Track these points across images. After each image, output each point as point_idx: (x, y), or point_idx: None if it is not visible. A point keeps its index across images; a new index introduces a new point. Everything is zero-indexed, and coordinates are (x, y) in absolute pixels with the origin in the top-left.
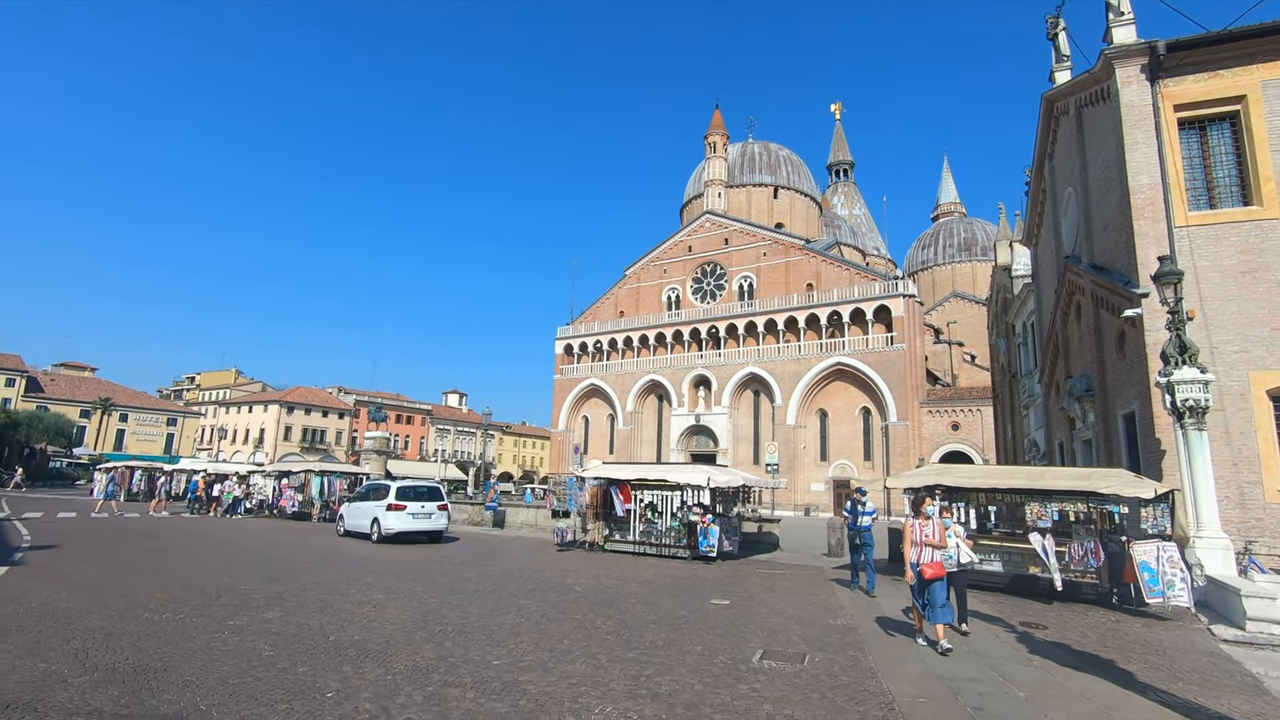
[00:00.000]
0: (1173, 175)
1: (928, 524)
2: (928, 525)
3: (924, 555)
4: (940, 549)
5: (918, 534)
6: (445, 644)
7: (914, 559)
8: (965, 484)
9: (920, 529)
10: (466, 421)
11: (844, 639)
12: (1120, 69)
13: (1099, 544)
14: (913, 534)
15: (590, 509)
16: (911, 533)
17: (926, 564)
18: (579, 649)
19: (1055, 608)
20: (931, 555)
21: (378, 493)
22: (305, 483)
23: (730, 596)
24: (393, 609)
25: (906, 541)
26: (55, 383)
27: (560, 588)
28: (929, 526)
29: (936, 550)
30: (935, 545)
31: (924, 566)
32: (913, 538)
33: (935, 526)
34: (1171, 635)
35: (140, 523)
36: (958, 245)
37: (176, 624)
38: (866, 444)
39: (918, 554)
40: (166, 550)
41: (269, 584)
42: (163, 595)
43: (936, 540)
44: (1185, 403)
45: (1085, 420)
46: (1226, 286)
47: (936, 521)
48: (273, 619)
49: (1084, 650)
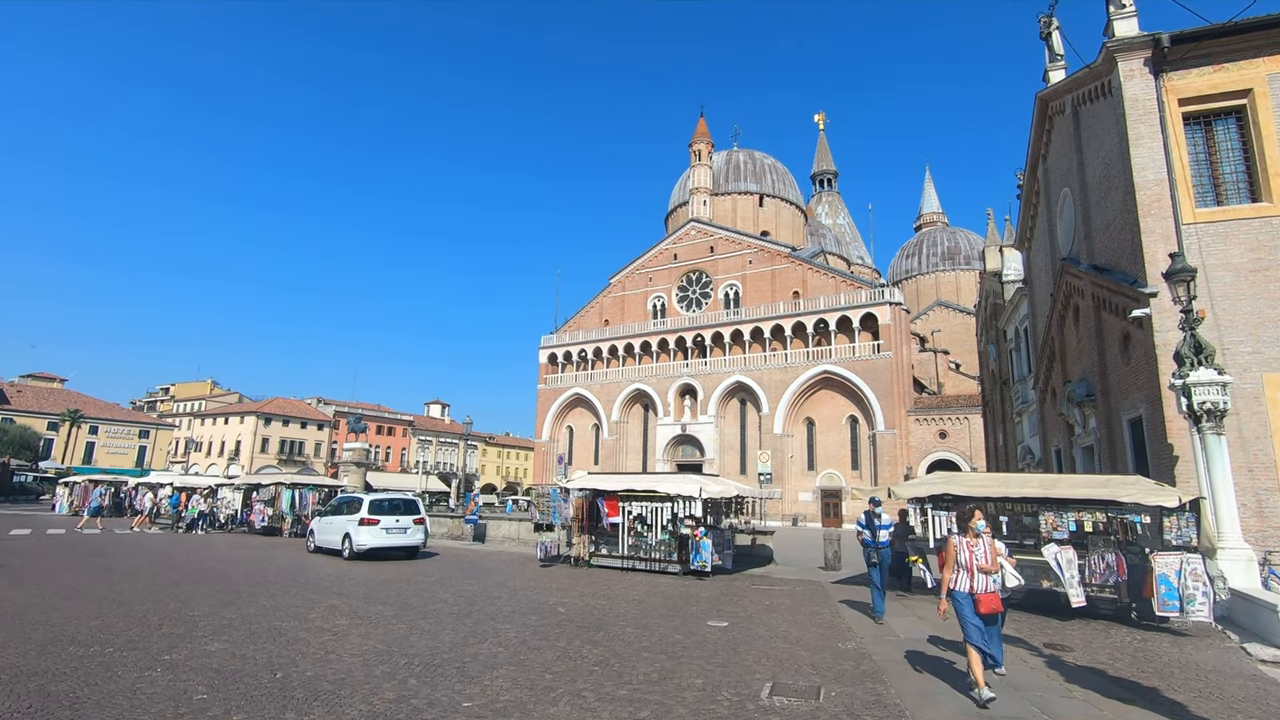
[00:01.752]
0: (1179, 171)
1: (978, 543)
2: (978, 545)
3: (979, 582)
4: (993, 574)
5: (966, 556)
6: (410, 681)
7: (962, 587)
8: (974, 492)
9: (970, 550)
10: (449, 432)
11: (859, 667)
12: (1123, 62)
13: (1119, 556)
14: (959, 555)
15: (575, 522)
16: (958, 553)
17: (983, 594)
18: (563, 684)
19: (1075, 625)
20: (985, 583)
21: (350, 506)
22: (275, 496)
23: (728, 617)
24: (355, 637)
25: (948, 565)
26: (22, 394)
27: (543, 609)
28: (980, 546)
29: (988, 577)
30: (988, 570)
31: (980, 597)
32: (959, 559)
33: (987, 547)
34: (1205, 656)
35: (95, 540)
36: (941, 254)
37: (103, 660)
38: (854, 453)
39: (969, 581)
40: (115, 571)
41: (220, 609)
42: (97, 624)
43: (989, 564)
44: (1202, 405)
45: (1085, 426)
46: (1237, 286)
47: (989, 540)
48: (216, 651)
49: (1121, 676)
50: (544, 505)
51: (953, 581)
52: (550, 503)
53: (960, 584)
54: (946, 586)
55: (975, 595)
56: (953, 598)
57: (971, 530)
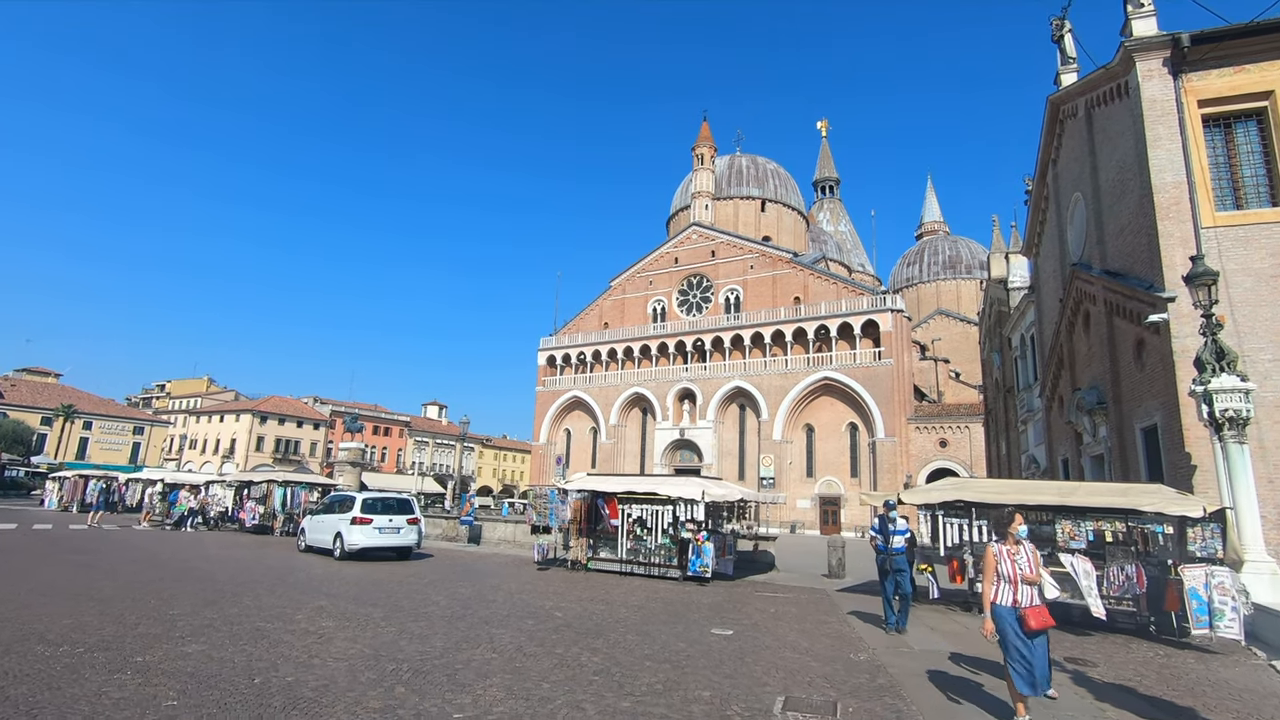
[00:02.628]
0: (1198, 173)
1: (1019, 551)
2: (1019, 553)
3: (1023, 595)
4: (1034, 584)
5: (1008, 566)
6: (397, 689)
7: (1004, 600)
8: (987, 499)
9: (1011, 559)
10: (446, 434)
11: (874, 681)
12: (1141, 62)
13: (1139, 568)
14: (999, 565)
15: (573, 524)
16: (998, 563)
17: (1029, 608)
18: (560, 695)
19: (1094, 640)
20: (1030, 595)
21: (342, 505)
22: (267, 494)
23: (732, 625)
24: (341, 641)
25: (988, 576)
26: (16, 389)
27: (539, 613)
28: (1021, 555)
29: (1033, 588)
30: (1032, 580)
31: (1026, 612)
32: (999, 570)
33: (1028, 555)
34: (1233, 673)
35: (80, 536)
36: (942, 263)
37: (71, 661)
38: (853, 460)
39: (1010, 593)
40: (96, 568)
41: (202, 609)
42: (70, 623)
43: (1032, 573)
44: (1225, 413)
45: (1095, 434)
46: (1258, 291)
47: (1030, 548)
48: (192, 654)
49: (1153, 695)
50: (541, 507)
51: (994, 595)
52: (547, 504)
53: (1003, 597)
54: (989, 601)
55: (1020, 610)
56: (995, 613)
57: (1012, 537)
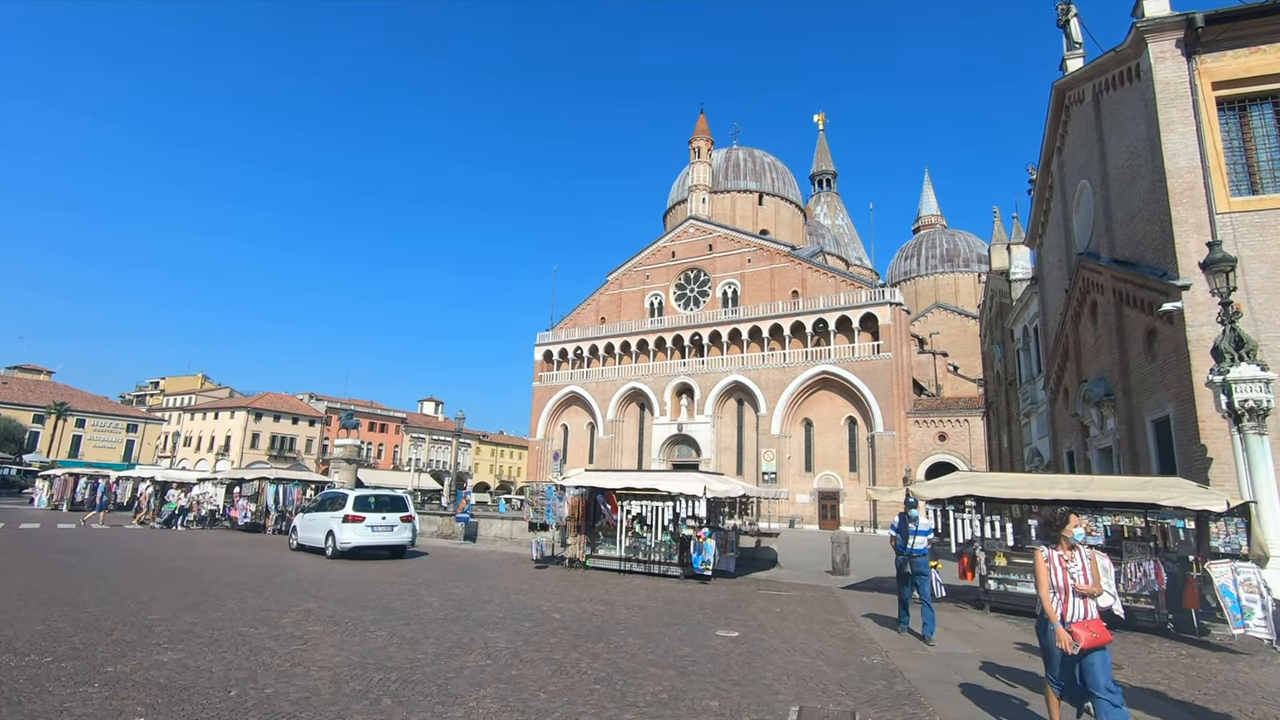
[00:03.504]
0: (1213, 158)
1: (1073, 557)
2: (1073, 560)
3: (1072, 609)
4: (1094, 596)
5: (1059, 575)
6: (383, 701)
7: (1064, 614)
8: (1000, 493)
9: (1063, 566)
10: (442, 430)
11: (891, 687)
12: (1153, 44)
13: (1158, 564)
14: (1052, 575)
15: (571, 521)
16: (1050, 572)
17: (1078, 624)
18: (559, 707)
19: (1114, 639)
20: (1084, 609)
21: (334, 502)
22: (259, 491)
23: (738, 626)
24: (328, 646)
25: (1043, 586)
26: (8, 386)
27: (537, 615)
28: (1075, 562)
29: (1091, 600)
30: (1087, 592)
31: (1075, 627)
32: (1053, 580)
33: (1084, 562)
34: (1262, 675)
35: (68, 535)
36: (940, 256)
37: (35, 671)
38: (852, 455)
39: (1063, 605)
40: (79, 569)
41: (183, 612)
42: (42, 629)
43: (1089, 584)
44: (1244, 404)
45: (1103, 427)
46: (1275, 279)
47: (1086, 554)
48: (168, 662)
49: (1184, 700)
50: (539, 504)
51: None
52: (545, 501)
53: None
54: (1053, 614)
55: (1068, 624)
56: (1038, 626)
57: (1065, 541)
